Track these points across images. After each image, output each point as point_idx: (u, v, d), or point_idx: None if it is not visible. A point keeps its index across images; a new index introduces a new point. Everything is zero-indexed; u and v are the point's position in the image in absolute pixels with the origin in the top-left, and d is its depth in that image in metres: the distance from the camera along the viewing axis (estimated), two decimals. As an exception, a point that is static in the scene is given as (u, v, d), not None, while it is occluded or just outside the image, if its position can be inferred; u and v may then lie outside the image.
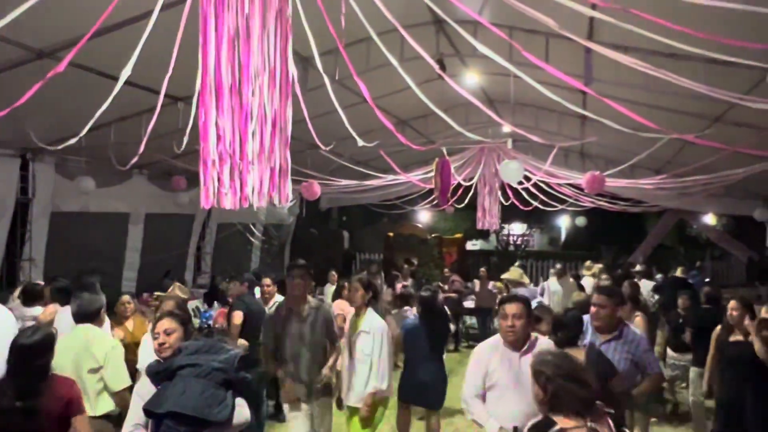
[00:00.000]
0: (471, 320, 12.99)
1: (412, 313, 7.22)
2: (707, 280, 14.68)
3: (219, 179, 2.47)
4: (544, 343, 3.86)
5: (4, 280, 8.35)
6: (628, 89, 6.71)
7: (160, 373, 3.21)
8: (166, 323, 3.57)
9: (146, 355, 4.42)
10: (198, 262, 13.08)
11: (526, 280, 10.05)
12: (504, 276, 10.78)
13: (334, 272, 10.99)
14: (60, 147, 5.41)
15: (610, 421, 2.56)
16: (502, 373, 3.79)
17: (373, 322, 5.05)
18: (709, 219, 17.47)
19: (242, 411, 3.17)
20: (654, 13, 3.46)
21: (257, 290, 7.68)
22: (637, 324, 6.01)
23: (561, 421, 2.49)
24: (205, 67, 2.46)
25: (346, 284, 7.68)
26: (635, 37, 3.93)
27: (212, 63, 2.41)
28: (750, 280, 15.64)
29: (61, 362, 3.79)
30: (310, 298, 5.16)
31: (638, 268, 10.48)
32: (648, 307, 8.23)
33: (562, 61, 6.55)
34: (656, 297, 10.02)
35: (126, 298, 6.28)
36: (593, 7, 4.36)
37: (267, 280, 7.10)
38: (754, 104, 4.53)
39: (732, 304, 5.54)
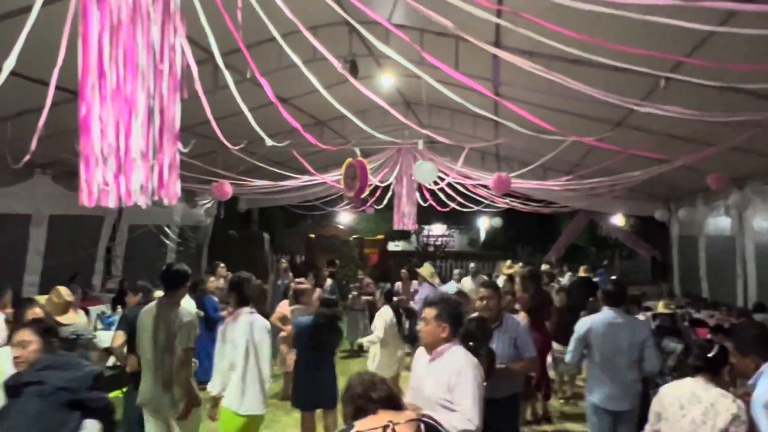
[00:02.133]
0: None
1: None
2: (613, 278, 15.39)
3: (102, 176, 2.35)
4: (456, 352, 3.62)
5: None
6: (536, 93, 6.92)
7: (9, 389, 2.96)
8: (22, 335, 3.32)
9: (6, 367, 4.09)
10: (108, 266, 12.53)
11: (436, 279, 10.22)
12: (418, 270, 10.96)
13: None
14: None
15: (422, 426, 2.68)
16: (414, 378, 3.79)
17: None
18: (618, 220, 18.31)
19: None
20: (557, 22, 3.57)
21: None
22: (521, 317, 6.49)
23: (360, 424, 2.65)
24: (85, 58, 2.33)
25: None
26: (540, 42, 4.06)
27: (94, 54, 2.29)
28: (654, 278, 16.53)
29: None
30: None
31: (544, 267, 10.87)
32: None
33: (472, 63, 6.70)
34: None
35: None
36: (498, 14, 4.48)
37: None
38: (647, 110, 4.79)
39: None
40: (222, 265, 10.09)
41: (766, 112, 5.00)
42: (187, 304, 6.22)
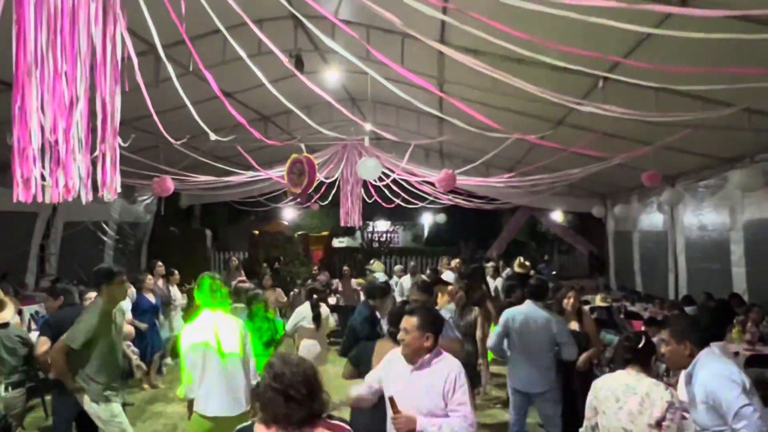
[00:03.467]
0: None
1: None
2: (554, 273, 15.85)
3: (39, 171, 2.25)
4: (444, 361, 3.53)
5: None
6: (479, 92, 7.02)
7: None
8: None
9: None
10: (42, 264, 12.05)
11: (383, 276, 10.25)
12: (367, 267, 11.00)
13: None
14: None
15: None
16: (394, 386, 3.56)
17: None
18: (557, 216, 18.80)
19: None
20: (502, 20, 3.63)
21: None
22: (442, 303, 6.84)
23: (258, 428, 2.43)
24: (20, 46, 2.23)
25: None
26: (486, 41, 4.13)
27: (30, 42, 2.19)
28: (591, 272, 17.08)
29: None
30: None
31: (489, 265, 11.05)
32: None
33: (417, 61, 6.76)
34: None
35: None
36: (444, 10, 4.53)
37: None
38: (588, 109, 4.94)
39: (570, 293, 6.01)
40: (160, 263, 9.81)
41: (699, 113, 5.24)
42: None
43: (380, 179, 10.25)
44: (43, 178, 2.28)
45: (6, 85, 6.18)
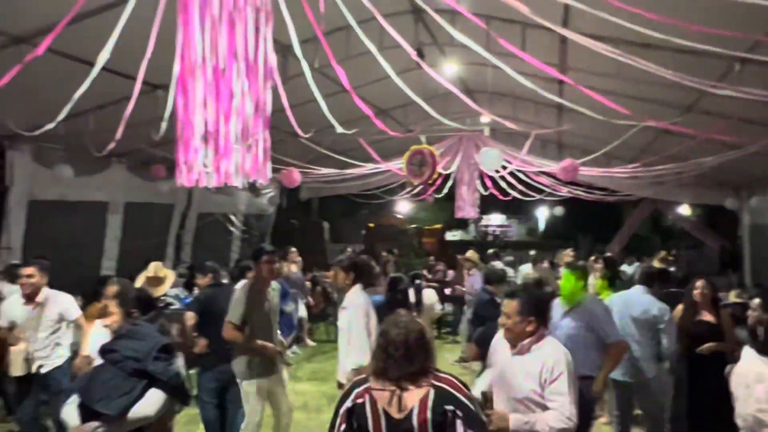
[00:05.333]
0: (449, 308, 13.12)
1: None
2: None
3: (202, 159, 2.52)
4: (547, 345, 3.41)
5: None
6: (602, 79, 6.83)
7: (100, 355, 3.25)
8: (107, 306, 3.61)
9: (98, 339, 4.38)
10: (178, 252, 13.02)
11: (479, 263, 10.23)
12: (459, 257, 11.02)
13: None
14: (37, 133, 5.39)
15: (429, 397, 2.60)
16: (495, 370, 3.59)
17: (350, 299, 5.17)
18: (684, 209, 17.77)
19: (146, 405, 3.10)
20: (627, 2, 3.54)
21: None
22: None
23: (373, 382, 2.66)
24: (186, 46, 2.49)
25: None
26: (609, 26, 4.03)
27: (198, 44, 2.45)
28: (723, 269, 15.98)
29: None
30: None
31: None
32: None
33: (538, 50, 6.64)
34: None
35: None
36: (567, -5, 4.45)
37: None
38: (723, 92, 4.68)
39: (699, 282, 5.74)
40: (293, 249, 10.46)
41: None
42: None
43: (496, 171, 10.18)
44: (204, 165, 2.55)
45: (151, 86, 6.73)
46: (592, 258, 8.36)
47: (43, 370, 5.50)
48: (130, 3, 2.97)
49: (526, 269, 10.88)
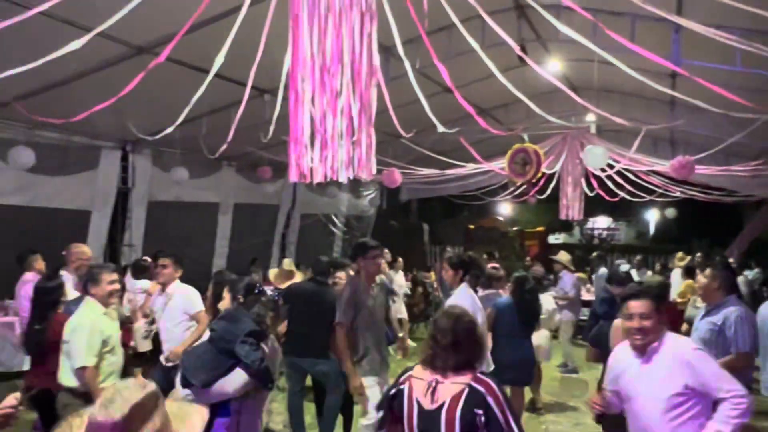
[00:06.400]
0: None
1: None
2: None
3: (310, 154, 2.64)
4: (669, 342, 3.10)
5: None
6: (719, 71, 6.41)
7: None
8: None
9: None
10: (282, 251, 13.49)
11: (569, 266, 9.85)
12: (553, 257, 10.65)
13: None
14: (157, 137, 5.74)
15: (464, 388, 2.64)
16: (625, 382, 3.22)
17: (455, 297, 5.11)
18: (814, 211, 16.31)
19: (227, 382, 3.34)
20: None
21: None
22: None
23: (416, 370, 2.80)
24: (296, 48, 2.59)
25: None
26: (724, 15, 3.77)
27: (306, 45, 2.55)
28: None
29: None
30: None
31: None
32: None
33: (647, 44, 6.33)
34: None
35: None
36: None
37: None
38: None
39: None
40: (386, 250, 10.51)
41: None
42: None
43: (602, 170, 9.78)
44: (311, 160, 2.66)
45: (258, 90, 7.00)
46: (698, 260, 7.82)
47: (170, 364, 5.72)
48: (242, 12, 3.12)
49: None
